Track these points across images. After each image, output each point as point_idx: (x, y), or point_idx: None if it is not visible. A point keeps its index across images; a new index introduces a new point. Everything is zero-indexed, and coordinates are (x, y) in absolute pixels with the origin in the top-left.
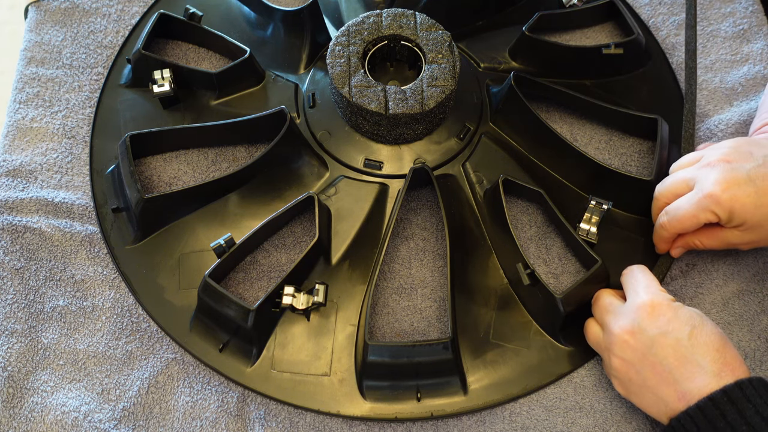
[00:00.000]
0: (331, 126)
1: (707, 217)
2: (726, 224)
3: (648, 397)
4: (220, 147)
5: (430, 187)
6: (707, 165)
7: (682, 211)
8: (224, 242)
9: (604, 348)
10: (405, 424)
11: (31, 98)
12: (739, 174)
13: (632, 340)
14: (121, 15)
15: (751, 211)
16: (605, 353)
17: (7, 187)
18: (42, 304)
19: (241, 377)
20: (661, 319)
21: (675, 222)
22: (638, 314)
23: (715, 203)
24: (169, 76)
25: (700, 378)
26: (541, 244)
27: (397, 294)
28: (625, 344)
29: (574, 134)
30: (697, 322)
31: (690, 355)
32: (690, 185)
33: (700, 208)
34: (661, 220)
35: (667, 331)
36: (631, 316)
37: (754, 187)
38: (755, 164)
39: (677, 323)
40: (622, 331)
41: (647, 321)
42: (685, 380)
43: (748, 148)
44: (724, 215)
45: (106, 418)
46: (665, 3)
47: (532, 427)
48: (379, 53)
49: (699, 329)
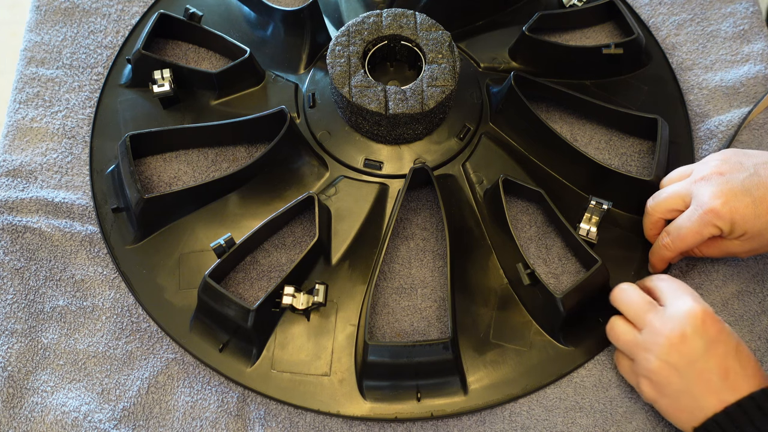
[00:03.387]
0: (331, 126)
1: (710, 231)
2: (727, 236)
3: (685, 402)
4: (220, 147)
5: (430, 187)
6: (701, 179)
7: (684, 230)
8: (224, 242)
9: (642, 348)
10: (405, 424)
11: (31, 98)
12: (735, 185)
13: (682, 346)
14: (121, 15)
15: (751, 221)
16: (641, 352)
17: (7, 187)
18: (42, 304)
19: (241, 377)
20: (712, 329)
21: (678, 241)
22: (689, 321)
23: (716, 217)
24: (169, 76)
25: (746, 389)
26: (541, 244)
27: (397, 294)
28: (673, 348)
29: (574, 134)
30: (739, 338)
31: (737, 367)
32: (685, 200)
33: (703, 223)
34: (663, 240)
35: (718, 341)
36: (682, 322)
37: (751, 197)
38: (747, 174)
39: (725, 336)
40: (672, 334)
41: (700, 329)
42: (730, 390)
43: (737, 158)
44: (726, 227)
45: (106, 418)
46: (665, 3)
47: (532, 427)
48: (379, 53)
49: (742, 344)
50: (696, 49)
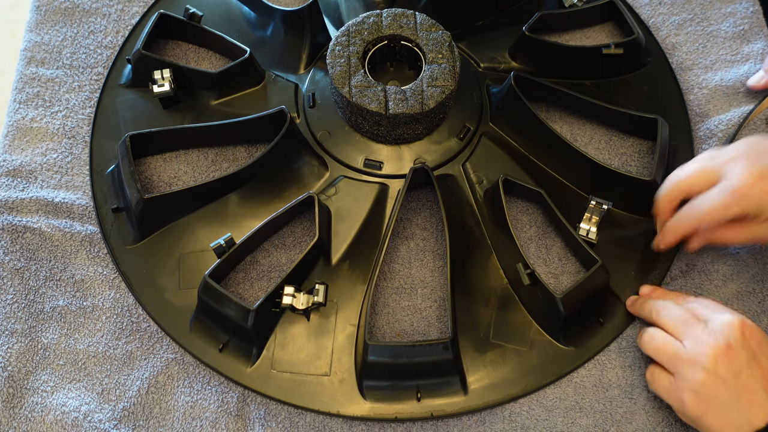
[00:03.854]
0: (331, 126)
1: (735, 211)
2: (755, 218)
3: (732, 417)
4: (220, 147)
5: (430, 187)
6: (730, 160)
7: (707, 205)
8: (224, 242)
9: (686, 360)
10: (405, 424)
11: (31, 98)
12: (765, 167)
13: (727, 358)
14: (121, 15)
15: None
16: (687, 366)
17: (7, 187)
18: (42, 304)
19: (241, 377)
20: (753, 339)
21: (699, 215)
22: (731, 333)
23: (743, 197)
24: (169, 76)
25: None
26: (541, 244)
27: (397, 294)
28: (719, 360)
29: (574, 134)
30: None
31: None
32: (710, 180)
33: (729, 202)
34: (682, 213)
35: (759, 353)
36: (725, 334)
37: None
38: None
39: (766, 347)
40: (717, 344)
41: (741, 340)
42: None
43: (764, 144)
44: (753, 209)
45: (106, 418)
46: (665, 3)
47: (532, 427)
48: (379, 53)
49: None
50: (696, 49)
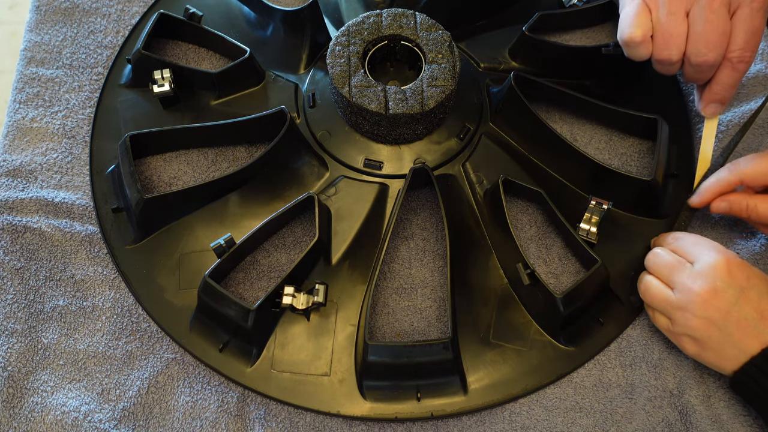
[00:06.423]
0: (331, 126)
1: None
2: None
3: (728, 351)
4: (220, 147)
5: (430, 187)
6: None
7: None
8: (224, 242)
9: (677, 307)
10: (405, 424)
11: (31, 98)
12: None
13: (715, 300)
14: (121, 15)
15: None
16: (678, 313)
17: (7, 187)
18: (42, 304)
19: (241, 377)
20: (740, 276)
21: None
22: (717, 274)
23: None
24: (169, 76)
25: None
26: (541, 244)
27: (397, 294)
28: (707, 304)
29: (574, 134)
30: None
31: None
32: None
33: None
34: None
35: (747, 287)
36: (711, 276)
37: None
38: None
39: (756, 279)
40: (703, 291)
41: (727, 280)
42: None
43: None
44: None
45: (106, 418)
46: None
47: (532, 427)
48: (379, 53)
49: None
50: None
